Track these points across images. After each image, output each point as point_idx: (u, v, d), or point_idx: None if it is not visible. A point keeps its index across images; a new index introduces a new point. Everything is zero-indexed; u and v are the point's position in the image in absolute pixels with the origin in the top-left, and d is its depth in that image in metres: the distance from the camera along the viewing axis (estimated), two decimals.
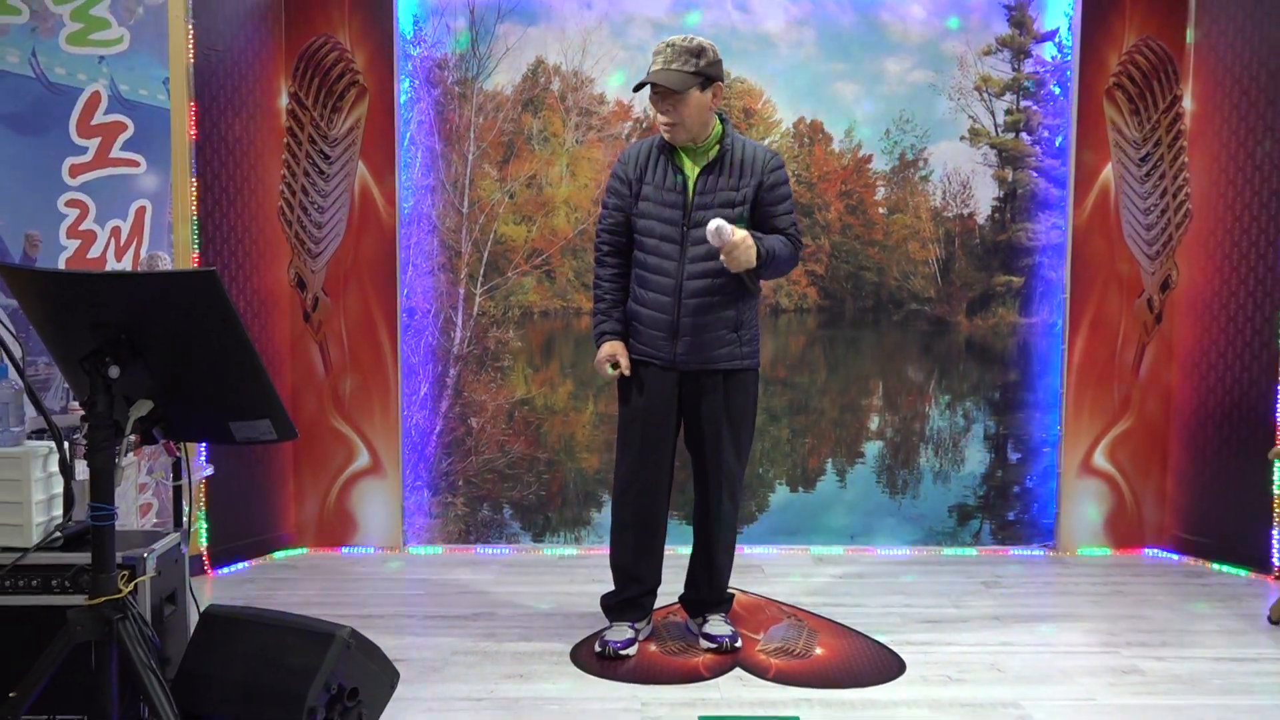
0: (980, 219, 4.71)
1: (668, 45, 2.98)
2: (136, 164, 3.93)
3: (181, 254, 4.05)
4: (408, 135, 4.62)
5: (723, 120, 3.10)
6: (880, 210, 4.73)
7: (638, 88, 2.98)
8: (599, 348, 3.15)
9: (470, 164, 4.64)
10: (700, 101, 2.99)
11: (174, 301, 1.88)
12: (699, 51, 2.98)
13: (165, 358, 1.91)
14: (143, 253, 3.94)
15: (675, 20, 4.59)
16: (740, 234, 2.86)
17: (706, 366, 3.08)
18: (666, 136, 3.03)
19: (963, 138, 4.69)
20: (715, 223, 2.82)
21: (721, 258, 2.91)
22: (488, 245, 4.66)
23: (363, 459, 4.66)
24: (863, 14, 4.64)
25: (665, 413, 3.12)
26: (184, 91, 4.04)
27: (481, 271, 4.67)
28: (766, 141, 4.67)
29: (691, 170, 3.03)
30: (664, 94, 2.96)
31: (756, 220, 3.03)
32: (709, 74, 2.99)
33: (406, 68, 4.60)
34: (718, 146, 3.03)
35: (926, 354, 4.76)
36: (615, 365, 3.14)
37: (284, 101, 4.52)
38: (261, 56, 4.40)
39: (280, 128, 4.52)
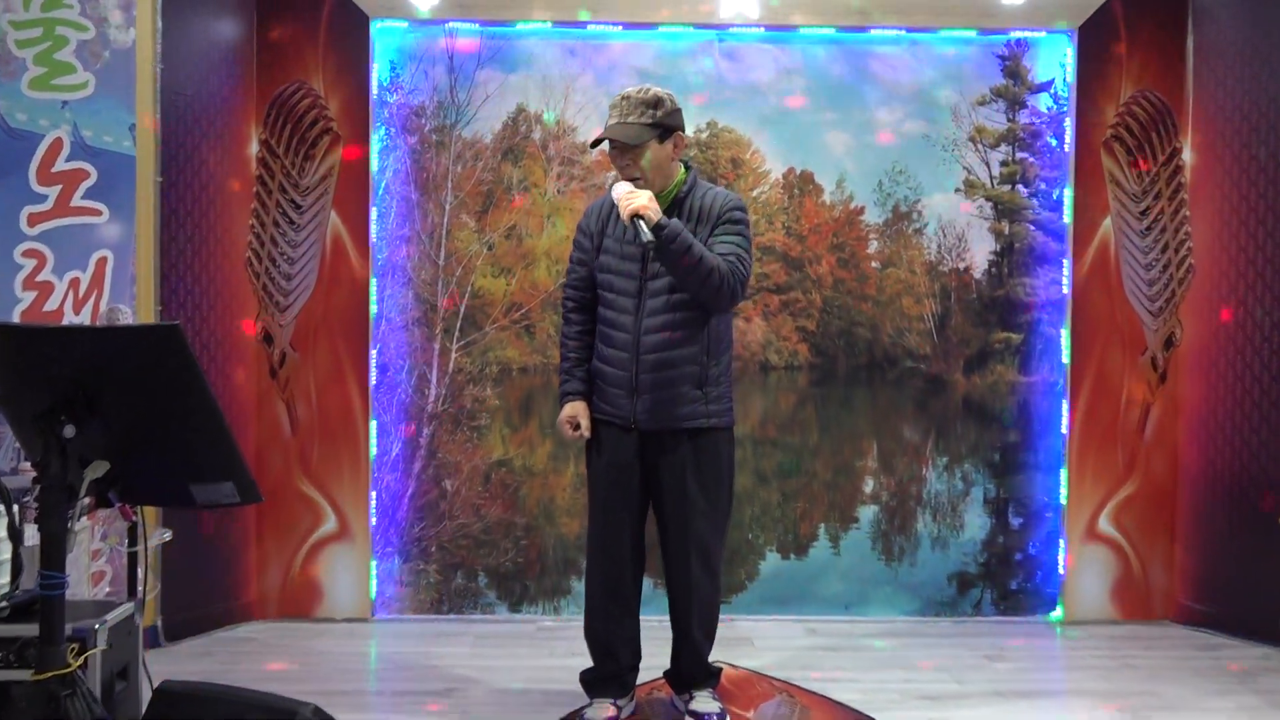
0: (977, 273, 4.75)
1: (623, 98, 3.04)
2: (98, 213, 3.93)
3: (143, 307, 4.04)
4: (383, 184, 4.65)
5: (687, 168, 3.13)
6: (873, 264, 4.77)
7: (594, 144, 3.04)
8: (561, 407, 3.16)
9: (447, 214, 4.67)
10: (659, 153, 3.03)
11: (135, 357, 1.87)
12: (655, 102, 3.03)
13: (124, 416, 1.90)
14: (102, 306, 3.92)
15: (661, 68, 4.66)
16: (639, 192, 2.91)
17: (668, 426, 3.06)
18: (620, 210, 3.05)
19: (957, 190, 4.75)
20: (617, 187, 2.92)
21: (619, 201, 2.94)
22: (465, 299, 4.68)
23: (330, 523, 4.62)
24: (853, 63, 4.72)
25: (628, 475, 3.10)
26: (151, 139, 4.05)
27: (458, 326, 4.68)
28: (755, 193, 4.73)
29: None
30: (621, 148, 3.01)
31: None
32: (667, 124, 3.04)
33: (382, 115, 4.65)
34: (674, 194, 3.07)
35: (923, 413, 4.77)
36: (575, 427, 3.14)
37: (254, 149, 4.55)
38: (232, 102, 4.44)
39: (250, 176, 4.55)
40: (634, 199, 2.92)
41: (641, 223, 2.89)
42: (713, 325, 3.04)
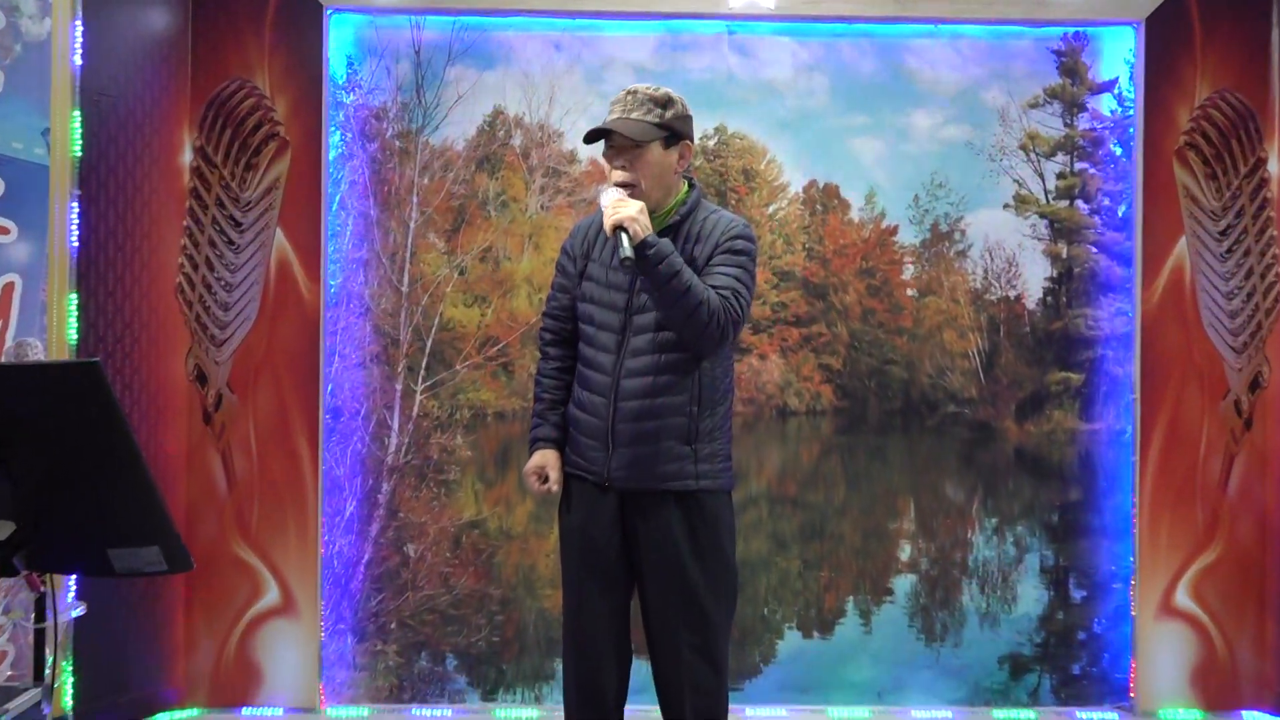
0: (1030, 303, 4.78)
1: (629, 93, 3.03)
2: (4, 231, 3.94)
3: (56, 340, 4.04)
4: (337, 198, 4.69)
5: (691, 185, 3.13)
6: (909, 292, 4.80)
7: (590, 136, 3.02)
8: (530, 456, 3.14)
9: (412, 233, 4.70)
10: (663, 161, 3.00)
11: (47, 399, 1.87)
12: (666, 102, 3.02)
13: (33, 469, 1.90)
14: (9, 340, 3.92)
15: (661, 64, 4.71)
16: (630, 202, 2.91)
17: (648, 485, 2.99)
18: (605, 221, 3.05)
19: (1007, 205, 4.78)
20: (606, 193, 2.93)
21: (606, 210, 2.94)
22: (432, 332, 4.69)
23: (272, 595, 4.61)
24: (885, 58, 4.77)
25: (604, 546, 3.05)
26: (67, 145, 4.08)
27: (424, 364, 4.70)
28: (771, 209, 4.77)
29: None
30: (620, 147, 3.00)
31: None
32: (676, 128, 3.03)
33: (337, 118, 4.69)
34: (674, 210, 3.06)
35: (968, 467, 4.78)
36: (544, 479, 3.10)
37: (187, 157, 4.59)
38: (162, 103, 4.48)
39: (182, 189, 4.57)
40: (621, 208, 2.91)
41: (624, 236, 2.87)
42: (705, 370, 2.98)
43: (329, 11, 4.62)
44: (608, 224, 2.92)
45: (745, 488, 4.71)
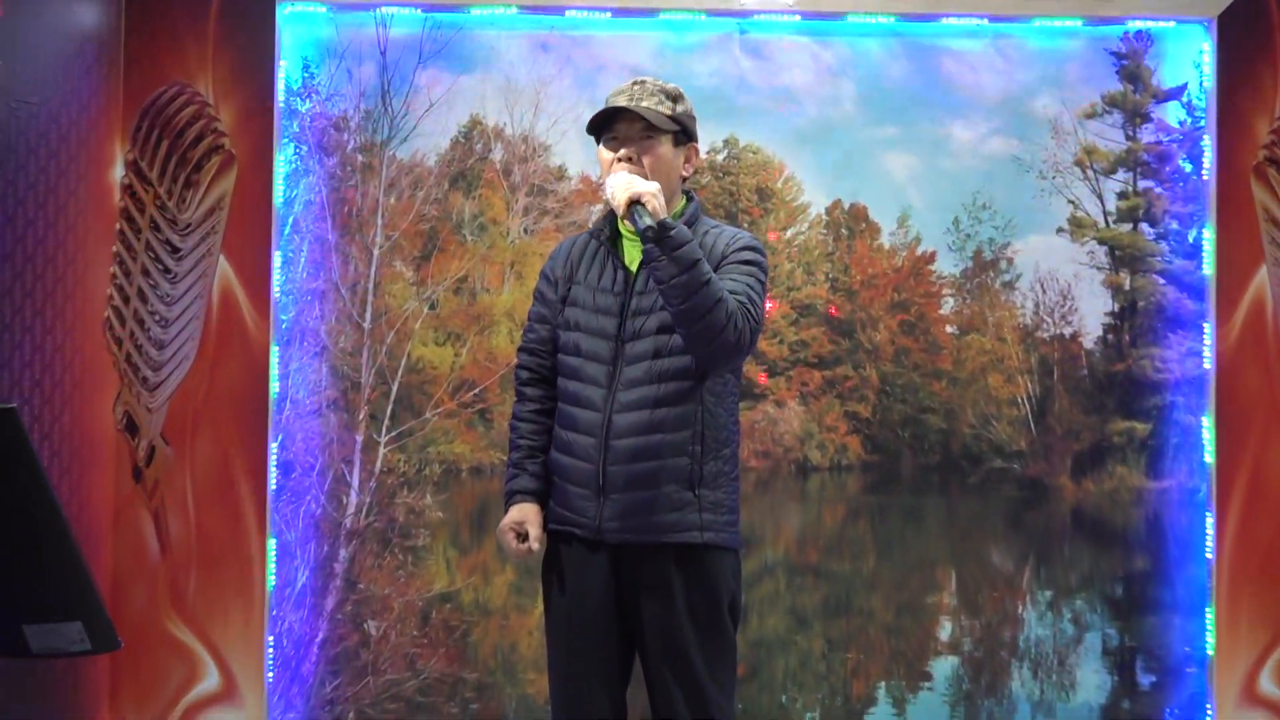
0: (1088, 341, 4.79)
1: (636, 83, 3.04)
2: None
3: None
4: (290, 220, 4.69)
5: (690, 199, 3.15)
6: (948, 329, 4.82)
7: (599, 118, 3.01)
8: (507, 512, 3.13)
9: (376, 261, 4.70)
10: (672, 160, 3.02)
11: None
12: (676, 96, 3.05)
13: None
14: None
15: (664, 68, 4.71)
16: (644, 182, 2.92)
17: (646, 538, 2.94)
18: (609, 197, 3.05)
19: (1060, 230, 4.80)
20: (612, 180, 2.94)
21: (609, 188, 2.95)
22: (398, 374, 4.69)
23: (211, 680, 4.59)
24: (919, 61, 4.79)
25: (597, 613, 3.01)
26: None
27: (389, 411, 4.69)
28: (789, 234, 4.79)
29: (636, 262, 3.08)
30: (627, 138, 3.01)
31: None
32: (687, 126, 3.07)
33: (291, 128, 4.70)
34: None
35: (1017, 531, 4.78)
36: (523, 537, 3.07)
37: (118, 173, 4.60)
38: (90, 112, 4.48)
39: (112, 209, 4.58)
40: (637, 183, 2.94)
41: (639, 208, 2.90)
42: (709, 404, 2.99)
43: (282, 7, 4.64)
44: (622, 197, 2.91)
45: (760, 555, 4.69)
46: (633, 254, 3.05)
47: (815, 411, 4.78)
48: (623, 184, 2.93)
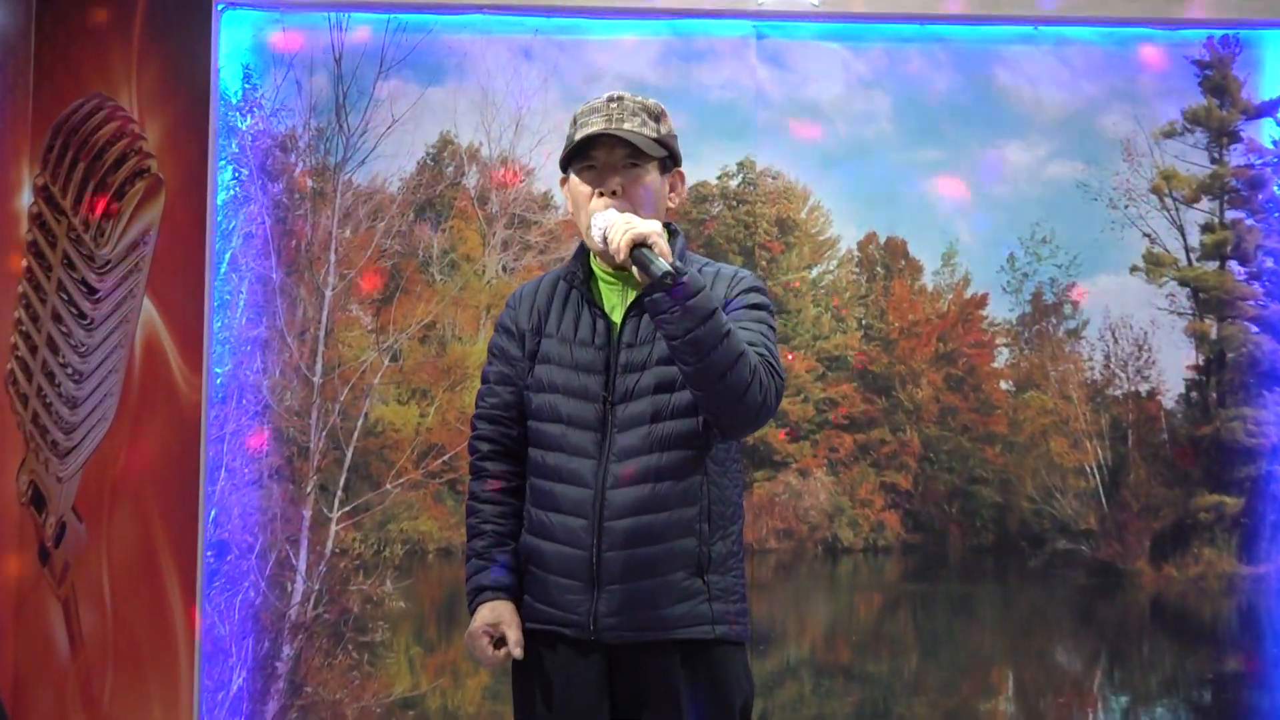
0: (1168, 400, 4.77)
1: (612, 100, 2.99)
2: None
3: None
4: (227, 256, 4.67)
5: (672, 233, 3.11)
6: (1003, 385, 4.79)
7: (572, 155, 2.98)
8: (473, 612, 3.09)
9: (329, 304, 4.69)
10: (657, 188, 2.97)
11: None
12: (659, 114, 2.99)
13: None
14: None
15: (668, 78, 4.71)
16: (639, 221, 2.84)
17: (651, 635, 2.89)
18: (599, 239, 3.03)
19: (1135, 268, 4.79)
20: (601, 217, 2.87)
21: (601, 231, 2.89)
22: (353, 438, 4.67)
23: None
24: (968, 71, 4.78)
25: None
26: None
27: (342, 481, 4.67)
28: (816, 272, 4.75)
29: (618, 309, 3.05)
30: (610, 164, 2.97)
31: None
32: (672, 150, 3.04)
33: (229, 148, 4.68)
34: None
35: (1087, 625, 4.73)
36: (499, 642, 3.04)
37: (25, 200, 4.57)
38: None
39: (18, 241, 4.55)
40: (638, 223, 2.89)
41: (647, 252, 2.85)
42: (714, 475, 2.95)
43: (220, 7, 4.63)
44: (624, 240, 2.85)
45: (781, 652, 4.64)
46: (613, 299, 3.01)
47: (846, 482, 4.75)
48: (621, 224, 2.86)
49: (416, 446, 4.69)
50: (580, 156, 2.98)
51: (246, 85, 4.72)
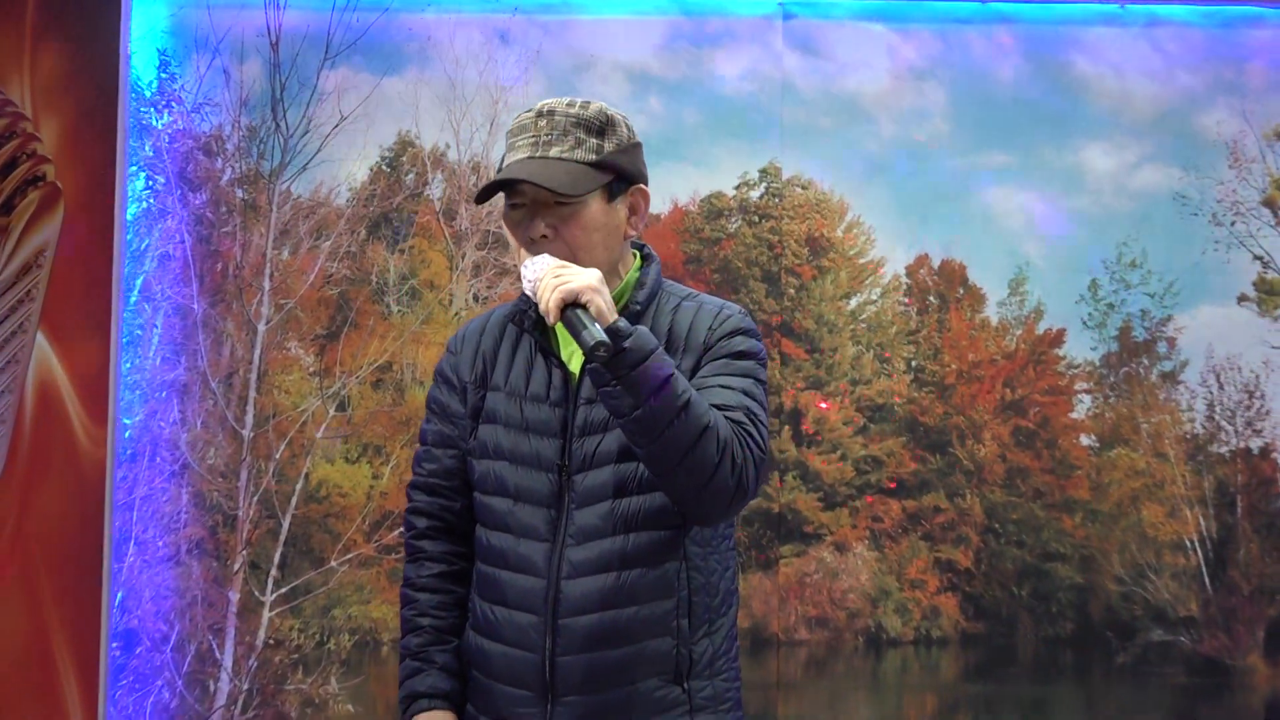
0: None
1: (541, 115, 2.94)
2: None
3: None
4: (139, 283, 4.65)
5: (645, 258, 3.07)
6: (1083, 441, 4.75)
7: (486, 193, 2.94)
8: None
9: (262, 341, 4.67)
10: (606, 222, 2.90)
11: None
12: (602, 126, 2.91)
13: None
14: None
15: (674, 67, 4.69)
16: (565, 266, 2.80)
17: None
18: (530, 291, 2.99)
19: (1244, 298, 4.77)
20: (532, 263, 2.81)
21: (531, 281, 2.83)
22: (291, 505, 4.64)
23: None
24: (1039, 58, 4.76)
25: None
26: None
27: (277, 558, 4.64)
28: (856, 303, 4.71)
29: (577, 357, 2.99)
30: (536, 204, 2.95)
31: None
32: (622, 168, 2.96)
33: (141, 151, 4.67)
34: (622, 308, 2.97)
35: None
36: None
37: None
38: None
39: None
40: (570, 275, 2.83)
41: (580, 315, 2.79)
42: (695, 559, 2.94)
43: None
44: (553, 300, 2.79)
45: None
46: (571, 345, 2.95)
47: (893, 559, 4.72)
48: (549, 280, 2.82)
49: (368, 515, 4.66)
50: (506, 188, 2.96)
51: (163, 75, 4.70)
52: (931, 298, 4.77)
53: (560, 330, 2.98)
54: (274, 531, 4.67)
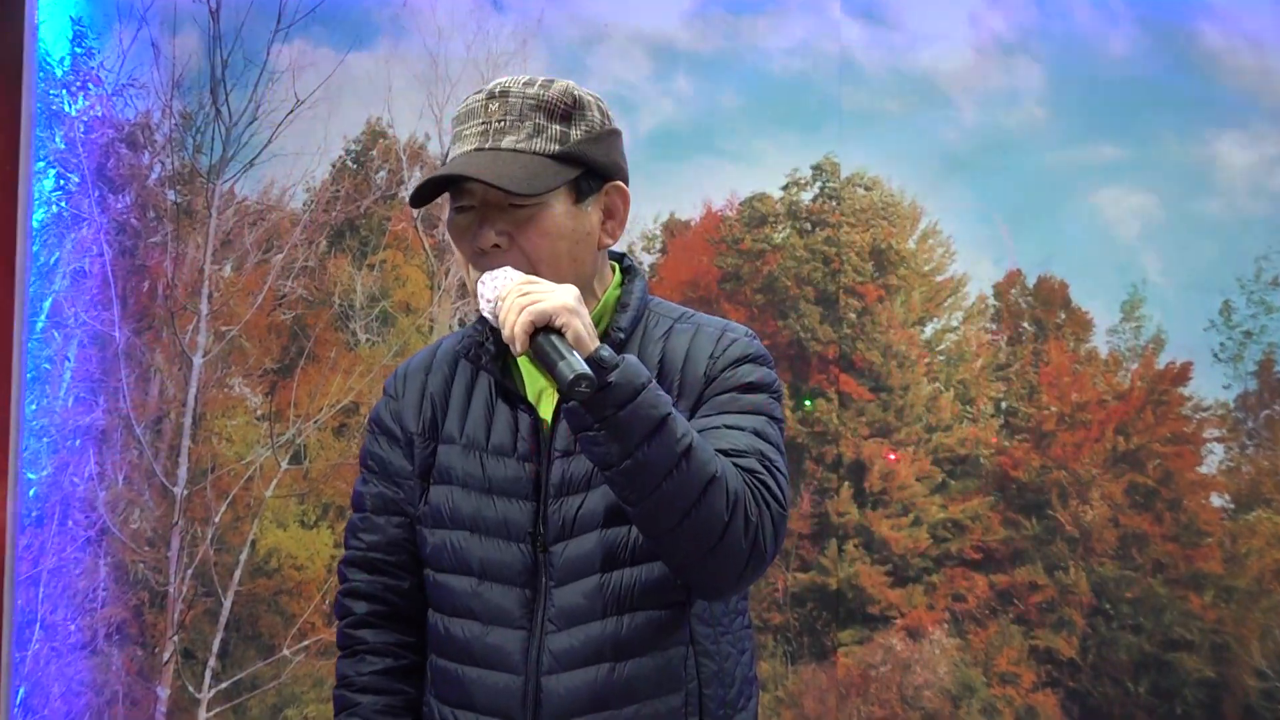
0: None
1: (493, 98, 2.80)
2: None
3: None
4: (47, 305, 4.56)
5: (626, 272, 2.93)
6: (1215, 501, 4.61)
7: (424, 194, 2.72)
8: None
9: (198, 376, 4.56)
10: (573, 228, 2.82)
11: None
12: (567, 109, 2.82)
13: None
14: None
15: (706, 38, 4.56)
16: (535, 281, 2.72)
17: None
18: (489, 313, 2.77)
19: None
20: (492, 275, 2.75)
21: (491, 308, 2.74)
22: (233, 581, 4.52)
23: None
24: (1159, 30, 4.65)
25: None
26: None
27: (217, 646, 4.52)
28: (932, 330, 4.61)
29: (548, 398, 2.92)
30: (487, 206, 2.75)
31: None
32: (592, 161, 2.84)
33: (51, 144, 4.58)
34: (601, 335, 2.78)
35: None
36: None
37: None
38: None
39: None
40: (539, 293, 2.63)
41: (554, 342, 2.58)
42: (704, 641, 2.86)
43: None
44: (519, 325, 2.69)
45: None
46: (539, 382, 2.92)
47: (979, 648, 4.59)
48: (514, 299, 2.74)
49: (329, 591, 4.56)
50: (448, 187, 2.86)
51: (77, 50, 4.63)
52: (1025, 324, 4.68)
53: (525, 365, 2.92)
54: (213, 612, 4.60)
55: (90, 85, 4.59)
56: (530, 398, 2.85)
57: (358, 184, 4.62)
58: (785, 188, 4.57)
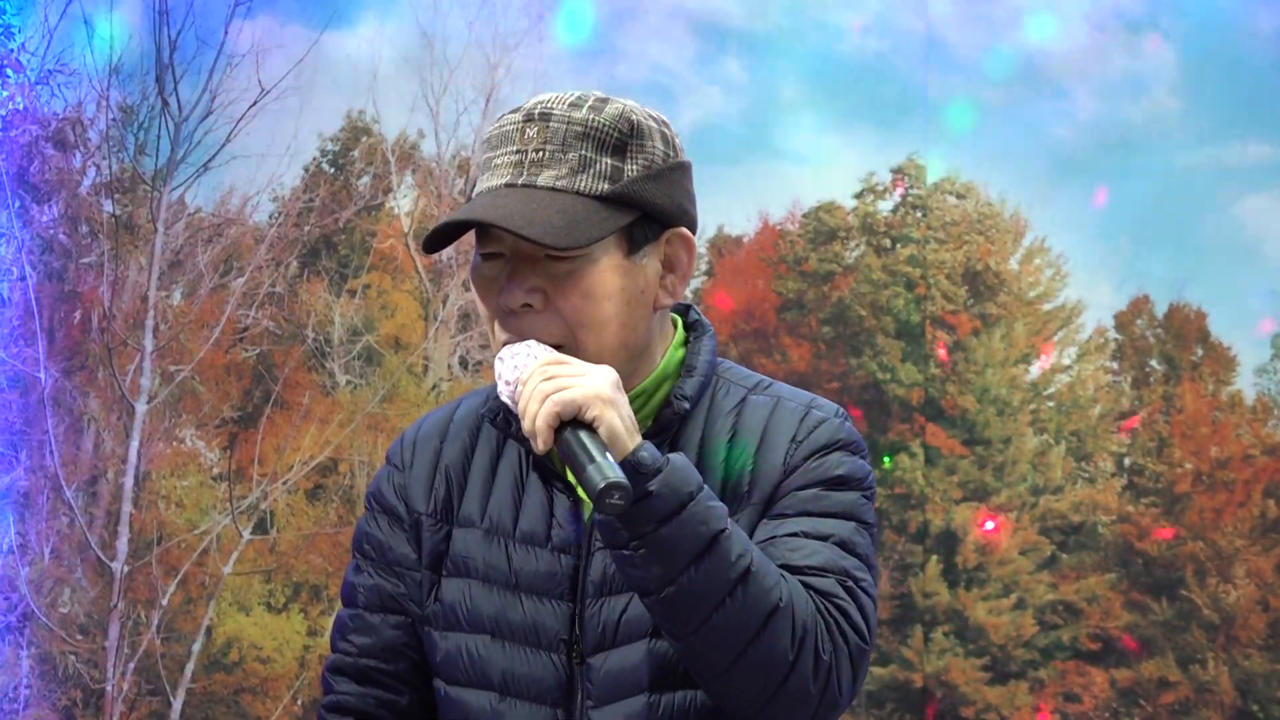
0: None
1: (531, 120, 2.67)
2: None
3: None
4: None
5: (691, 328, 2.77)
6: None
7: (440, 239, 2.58)
8: None
9: (140, 428, 4.51)
10: (622, 285, 2.70)
11: None
12: (622, 138, 2.71)
13: None
14: None
15: (764, 17, 4.52)
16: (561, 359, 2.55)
17: None
18: (508, 398, 2.66)
19: None
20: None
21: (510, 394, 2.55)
22: (184, 677, 4.48)
23: None
24: None
25: None
26: None
27: None
28: (1035, 371, 4.57)
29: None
30: (519, 256, 2.61)
31: None
32: (651, 204, 2.71)
33: None
34: (659, 405, 2.66)
35: None
36: None
37: None
38: None
39: None
40: (569, 380, 2.51)
41: (584, 439, 2.46)
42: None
43: None
44: (542, 417, 2.58)
45: None
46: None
47: None
48: (537, 382, 2.64)
49: (300, 689, 4.54)
50: (475, 232, 2.72)
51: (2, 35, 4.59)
52: (1154, 362, 4.64)
53: None
54: (160, 715, 4.57)
55: (9, 71, 4.56)
56: (570, 477, 2.80)
57: (335, 192, 4.60)
58: (859, 195, 4.54)
